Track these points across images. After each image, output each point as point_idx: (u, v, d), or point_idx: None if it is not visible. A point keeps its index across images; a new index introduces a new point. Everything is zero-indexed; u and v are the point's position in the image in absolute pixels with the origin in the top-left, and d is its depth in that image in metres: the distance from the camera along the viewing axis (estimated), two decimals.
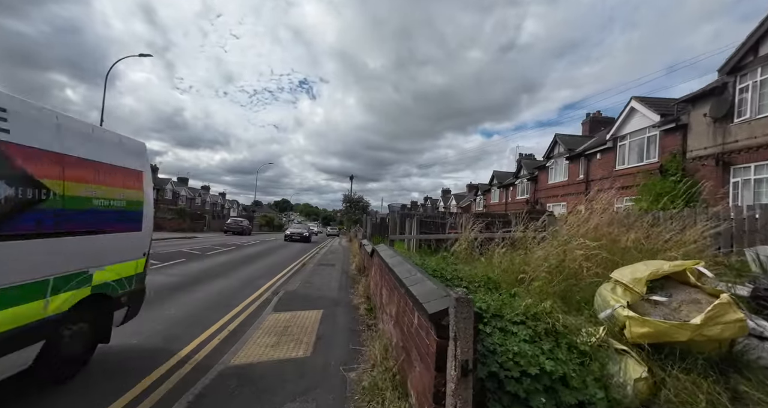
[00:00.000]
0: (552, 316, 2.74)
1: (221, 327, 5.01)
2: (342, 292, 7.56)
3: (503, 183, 31.02)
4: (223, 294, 7.18)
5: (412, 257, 6.65)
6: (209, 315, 5.55)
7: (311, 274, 10.07)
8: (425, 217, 13.18)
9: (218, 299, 6.70)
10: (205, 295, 6.97)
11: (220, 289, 7.65)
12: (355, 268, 10.97)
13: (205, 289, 7.44)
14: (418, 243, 12.67)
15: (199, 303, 6.30)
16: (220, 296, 6.96)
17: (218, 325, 5.07)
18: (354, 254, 14.58)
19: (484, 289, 3.90)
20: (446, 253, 6.69)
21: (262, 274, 9.95)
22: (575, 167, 19.12)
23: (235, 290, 7.62)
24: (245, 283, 8.57)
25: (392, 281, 3.74)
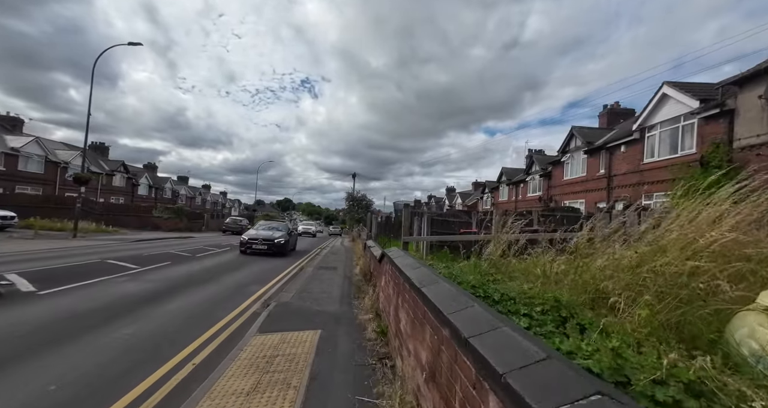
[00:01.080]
0: None
1: (184, 359, 3.79)
2: (344, 304, 6.33)
3: (513, 180, 29.70)
4: (202, 306, 5.97)
5: (436, 265, 5.40)
6: (175, 339, 4.34)
7: (310, 279, 8.85)
8: (437, 215, 11.93)
9: (195, 313, 5.49)
10: (180, 307, 5.76)
11: (202, 299, 6.44)
12: (360, 273, 9.75)
13: (183, 300, 6.24)
14: (428, 245, 11.42)
15: (169, 319, 5.09)
16: (198, 309, 5.75)
17: (181, 357, 3.84)
18: (358, 256, 13.36)
19: (553, 318, 2.65)
20: (476, 260, 5.44)
21: (254, 280, 8.74)
22: (595, 161, 17.79)
23: (219, 301, 6.41)
24: (233, 290, 7.36)
25: (420, 308, 2.51)
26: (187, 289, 7.17)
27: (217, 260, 11.85)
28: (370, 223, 15.64)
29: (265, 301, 6.59)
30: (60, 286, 6.45)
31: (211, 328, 4.94)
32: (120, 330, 4.42)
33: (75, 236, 17.74)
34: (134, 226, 28.29)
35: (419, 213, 16.24)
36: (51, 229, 20.68)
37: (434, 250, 11.59)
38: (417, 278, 2.78)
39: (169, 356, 3.81)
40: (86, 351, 3.78)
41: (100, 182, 37.17)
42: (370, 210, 38.58)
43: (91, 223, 21.90)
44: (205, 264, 10.83)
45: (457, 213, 11.89)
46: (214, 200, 71.92)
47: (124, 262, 9.61)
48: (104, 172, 37.79)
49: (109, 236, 19.83)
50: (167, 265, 9.88)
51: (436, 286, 2.44)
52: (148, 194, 46.70)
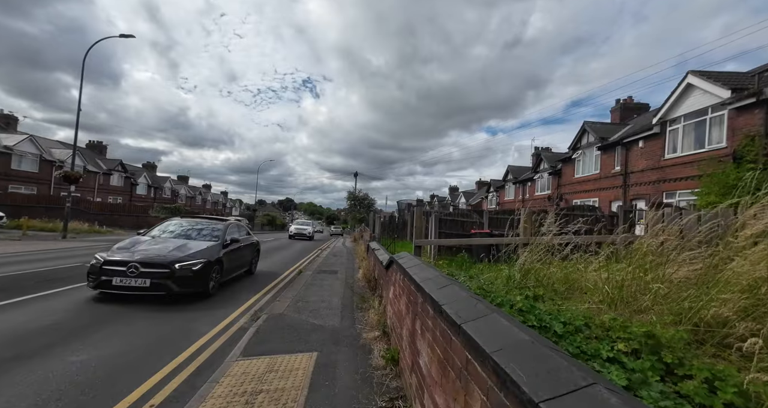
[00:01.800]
0: None
1: (141, 398, 2.96)
2: (346, 317, 5.50)
3: (519, 178, 28.81)
4: (182, 319, 5.16)
5: (455, 273, 4.59)
6: (138, 367, 3.52)
7: (308, 285, 8.03)
8: (446, 215, 11.09)
9: (169, 330, 4.68)
10: (153, 322, 4.95)
11: (182, 309, 5.62)
12: (363, 278, 8.92)
13: (159, 312, 5.43)
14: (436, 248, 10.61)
15: (136, 339, 4.28)
16: (175, 323, 4.94)
17: (138, 394, 3.01)
18: (360, 258, 12.53)
19: (652, 365, 1.79)
20: (506, 267, 4.61)
21: (246, 286, 7.93)
22: (609, 158, 16.90)
23: (201, 313, 5.59)
24: (219, 300, 6.55)
25: (459, 353, 1.67)
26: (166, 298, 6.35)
27: None
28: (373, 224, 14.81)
29: (256, 313, 5.78)
30: (15, 298, 5.65)
31: (187, 349, 4.12)
32: (67, 356, 3.60)
33: (64, 237, 17.00)
34: (130, 226, 27.55)
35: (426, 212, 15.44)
36: (42, 229, 19.97)
37: (442, 252, 10.76)
38: (451, 306, 1.94)
39: (122, 394, 2.99)
40: (7, 390, 2.95)
41: (97, 182, 36.51)
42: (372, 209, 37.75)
43: (84, 224, 21.15)
44: None
45: (467, 212, 11.05)
46: (214, 200, 71.25)
47: None
48: (101, 172, 37.10)
49: (102, 237, 19.08)
50: None
51: (484, 321, 1.60)
52: (147, 194, 46.03)
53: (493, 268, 6.02)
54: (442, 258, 10.46)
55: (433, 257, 10.49)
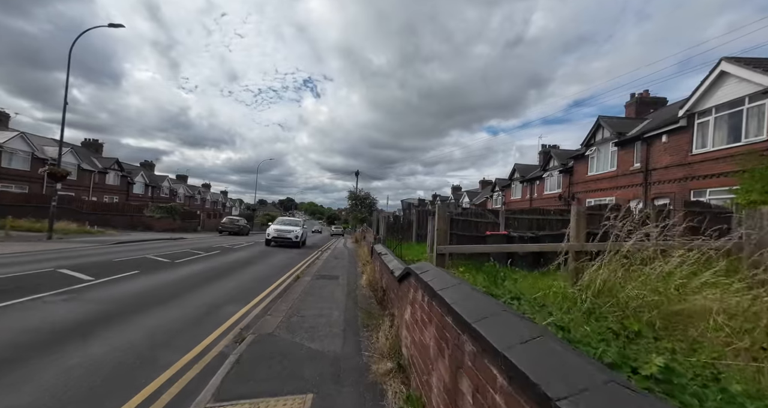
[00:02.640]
0: None
1: None
2: (349, 340, 4.53)
3: (527, 177, 27.81)
4: (147, 342, 4.20)
5: (493, 291, 3.61)
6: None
7: (305, 295, 7.07)
8: (458, 215, 10.11)
9: (129, 358, 3.72)
10: (112, 346, 3.99)
11: (151, 329, 4.67)
12: (367, 285, 7.97)
13: (124, 332, 4.48)
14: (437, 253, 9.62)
15: (83, 372, 3.33)
16: (137, 349, 3.98)
17: None
18: (363, 262, 11.57)
19: None
20: (549, 277, 3.65)
21: (235, 296, 6.97)
22: (627, 154, 15.90)
23: (175, 333, 4.64)
24: (201, 314, 5.60)
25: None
26: (139, 313, 5.40)
27: (197, 268, 10.07)
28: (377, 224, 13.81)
29: (241, 332, 4.82)
30: None
31: (144, 388, 3.17)
32: None
33: (50, 238, 16.08)
34: (124, 226, 26.67)
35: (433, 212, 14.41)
36: (30, 229, 19.05)
37: (454, 255, 9.78)
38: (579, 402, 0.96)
39: None
40: None
41: (92, 180, 35.63)
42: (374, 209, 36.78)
43: (72, 224, 20.22)
44: (181, 273, 9.06)
45: (481, 212, 10.07)
46: (214, 199, 70.36)
47: (79, 272, 7.86)
48: (97, 170, 36.21)
49: (91, 238, 18.15)
50: (132, 276, 8.12)
51: None
52: (144, 193, 45.14)
53: (531, 280, 5.06)
54: (456, 261, 9.49)
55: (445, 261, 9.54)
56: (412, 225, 16.01)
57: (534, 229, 9.64)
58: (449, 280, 2.63)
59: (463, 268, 6.94)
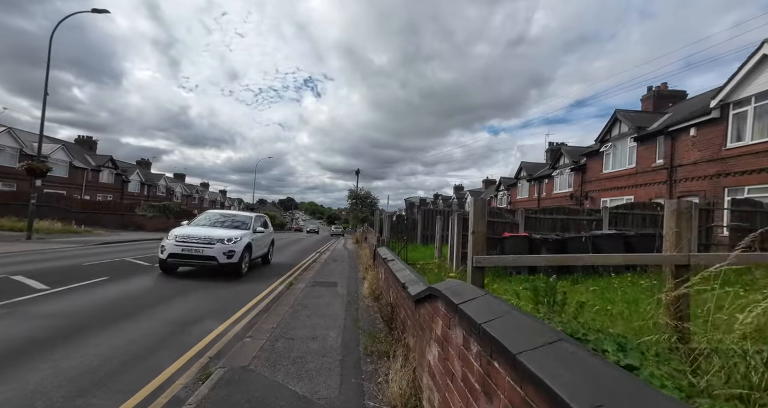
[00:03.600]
0: None
1: None
2: (348, 377, 3.43)
3: (534, 175, 26.73)
4: (88, 376, 3.12)
5: (545, 315, 2.48)
6: None
7: (297, 307, 5.98)
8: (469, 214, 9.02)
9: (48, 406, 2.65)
10: (37, 384, 2.92)
11: (96, 359, 3.59)
12: (369, 294, 6.89)
13: (62, 361, 3.40)
14: (458, 254, 8.54)
15: None
16: (61, 390, 2.90)
17: None
18: (365, 266, 10.48)
19: None
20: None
21: (216, 308, 5.89)
22: (648, 150, 14.80)
23: (124, 364, 3.56)
24: (169, 333, 4.52)
25: None
26: (92, 331, 4.32)
27: (177, 273, 8.99)
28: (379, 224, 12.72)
29: (209, 363, 3.74)
30: None
31: None
32: None
33: (29, 238, 15.02)
34: (115, 225, 25.63)
35: (442, 212, 13.35)
36: (12, 228, 18.03)
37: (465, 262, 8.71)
38: None
39: None
40: None
41: (85, 178, 34.58)
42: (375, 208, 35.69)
43: (57, 223, 19.15)
44: (160, 279, 7.98)
45: (497, 211, 8.97)
46: (212, 198, 69.30)
47: (34, 280, 6.78)
48: (90, 168, 35.16)
49: (76, 238, 17.09)
50: (99, 283, 7.04)
51: None
52: (140, 192, 44.07)
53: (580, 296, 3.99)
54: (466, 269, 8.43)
55: (456, 267, 8.46)
56: (417, 225, 14.95)
57: (558, 231, 8.55)
58: (518, 319, 1.54)
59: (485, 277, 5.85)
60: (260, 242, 10.26)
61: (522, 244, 7.97)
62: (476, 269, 2.67)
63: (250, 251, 8.97)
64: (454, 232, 8.62)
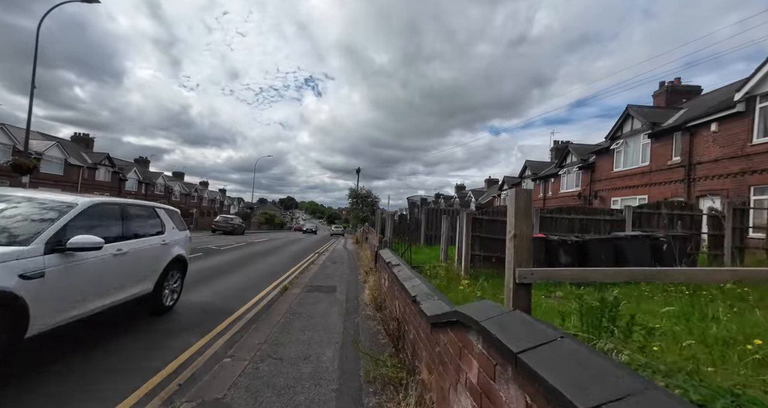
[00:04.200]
0: None
1: None
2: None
3: (540, 174, 26.03)
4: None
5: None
6: None
7: (290, 317, 5.31)
8: (482, 213, 8.34)
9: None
10: None
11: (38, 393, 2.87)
12: (371, 302, 6.22)
13: None
14: (468, 255, 7.89)
15: None
16: None
17: None
18: (366, 269, 9.81)
19: None
20: None
21: (197, 319, 5.22)
22: (664, 147, 14.10)
23: (85, 388, 2.88)
24: (142, 349, 3.85)
25: None
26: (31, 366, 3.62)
27: None
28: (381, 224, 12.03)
29: (178, 391, 3.07)
30: None
31: None
32: None
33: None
34: None
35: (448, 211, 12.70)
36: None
37: (477, 263, 8.04)
38: None
39: None
40: None
41: (80, 176, 33.96)
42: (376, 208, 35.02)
43: None
44: None
45: None
46: (211, 197, 68.71)
47: None
48: (86, 165, 34.53)
49: None
50: None
51: None
52: (138, 190, 43.40)
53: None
54: (479, 271, 7.75)
55: (465, 271, 7.78)
56: (420, 225, 14.27)
57: (576, 232, 7.86)
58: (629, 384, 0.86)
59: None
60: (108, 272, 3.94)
61: (537, 246, 7.28)
62: (520, 287, 1.98)
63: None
64: (462, 233, 7.93)
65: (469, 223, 7.90)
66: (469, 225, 7.89)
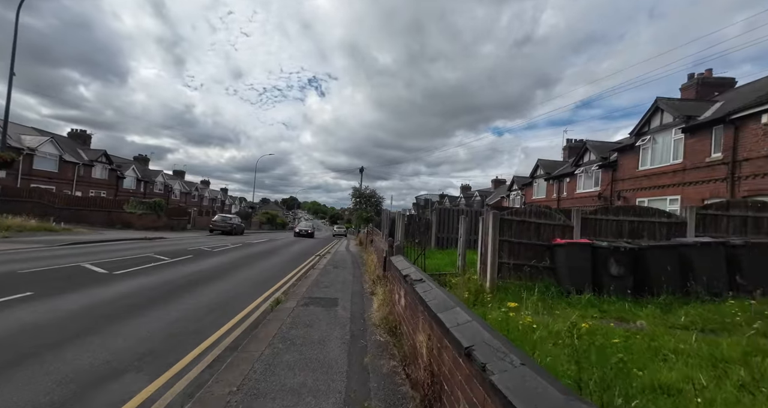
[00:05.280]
0: None
1: None
2: None
3: (554, 174, 24.70)
4: None
5: None
6: None
7: (277, 349, 4.08)
8: (509, 214, 7.06)
9: None
10: None
11: None
12: (381, 323, 5.01)
13: None
14: (496, 267, 6.67)
15: None
16: None
17: None
18: (373, 277, 8.57)
19: None
20: None
21: (157, 348, 4.01)
22: (700, 142, 12.78)
23: None
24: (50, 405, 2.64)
25: None
26: None
27: (139, 284, 7.16)
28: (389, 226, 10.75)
29: None
30: None
31: None
32: None
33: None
34: (102, 223, 23.91)
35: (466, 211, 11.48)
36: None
37: (505, 273, 6.79)
38: None
39: None
40: None
41: (76, 173, 32.96)
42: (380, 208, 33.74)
43: (32, 220, 17.41)
44: (106, 294, 6.12)
45: (544, 211, 6.99)
46: (213, 196, 67.76)
47: None
48: (82, 162, 33.52)
49: (48, 236, 15.32)
50: (15, 302, 5.19)
51: None
52: (136, 188, 42.41)
53: None
54: (508, 283, 6.49)
55: (491, 281, 6.53)
56: (430, 227, 13.03)
57: (626, 237, 6.60)
58: None
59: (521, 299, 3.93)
60: None
61: (582, 254, 6.03)
62: None
63: None
64: (488, 236, 6.68)
65: (497, 225, 6.66)
66: (496, 228, 6.64)
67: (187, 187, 56.75)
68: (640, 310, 5.05)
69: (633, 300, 5.47)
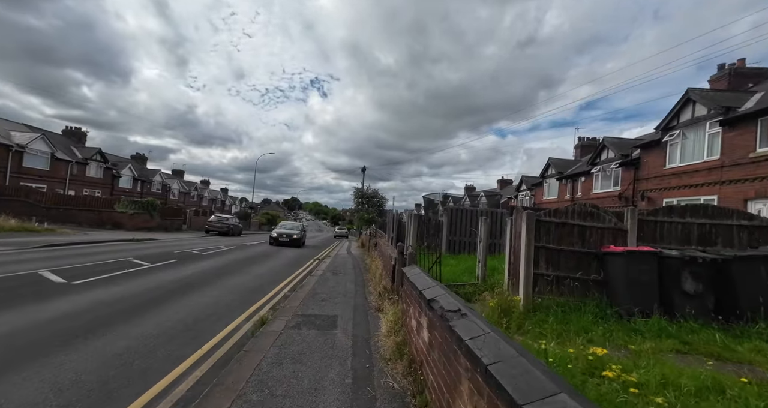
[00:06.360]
0: None
1: None
2: None
3: (566, 173, 23.40)
4: None
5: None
6: None
7: (256, 388, 2.84)
8: (548, 215, 5.80)
9: None
10: None
11: None
12: (393, 355, 3.78)
13: None
14: (531, 280, 5.44)
15: None
16: None
17: None
18: (379, 289, 7.31)
19: None
20: None
21: (92, 392, 2.78)
22: (742, 136, 11.50)
23: None
24: None
25: None
26: None
27: (105, 295, 5.95)
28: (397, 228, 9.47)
29: None
30: None
31: None
32: None
33: None
34: (90, 223, 22.76)
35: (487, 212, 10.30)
36: None
37: (543, 288, 5.53)
38: None
39: None
40: None
41: (69, 172, 31.87)
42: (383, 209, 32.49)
43: (12, 219, 16.27)
44: (42, 315, 4.91)
45: (591, 210, 5.71)
46: (212, 196, 66.67)
47: None
48: (75, 161, 32.45)
49: (25, 238, 14.15)
50: None
51: None
52: (133, 188, 41.32)
53: None
54: (547, 300, 5.23)
55: (525, 298, 5.28)
56: (441, 229, 11.77)
57: (695, 244, 5.34)
58: None
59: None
60: None
61: (645, 266, 4.77)
62: None
63: None
64: (521, 240, 5.44)
65: (532, 227, 5.41)
66: (531, 231, 5.39)
67: (186, 187, 55.68)
68: (739, 344, 3.80)
69: (720, 327, 4.21)
